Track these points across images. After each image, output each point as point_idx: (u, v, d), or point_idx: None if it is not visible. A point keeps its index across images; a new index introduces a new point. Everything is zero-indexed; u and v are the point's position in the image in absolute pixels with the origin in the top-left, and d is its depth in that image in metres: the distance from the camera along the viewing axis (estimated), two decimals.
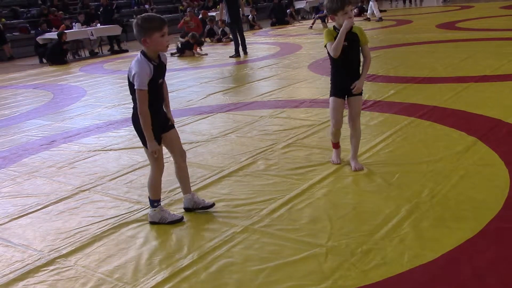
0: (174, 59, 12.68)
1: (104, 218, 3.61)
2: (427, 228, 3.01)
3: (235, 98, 7.22)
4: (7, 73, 13.40)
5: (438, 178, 3.70)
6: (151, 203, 3.45)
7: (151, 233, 3.34)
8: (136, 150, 5.02)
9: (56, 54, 14.05)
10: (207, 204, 3.57)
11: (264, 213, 3.42)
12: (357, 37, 3.84)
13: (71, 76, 11.43)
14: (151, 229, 3.39)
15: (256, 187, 3.90)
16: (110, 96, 8.56)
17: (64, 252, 3.18)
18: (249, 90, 7.85)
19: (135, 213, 3.65)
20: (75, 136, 5.98)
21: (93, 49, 16.02)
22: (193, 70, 10.56)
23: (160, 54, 3.24)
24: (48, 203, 4.00)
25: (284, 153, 4.59)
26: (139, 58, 3.15)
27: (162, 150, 3.35)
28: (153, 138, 3.22)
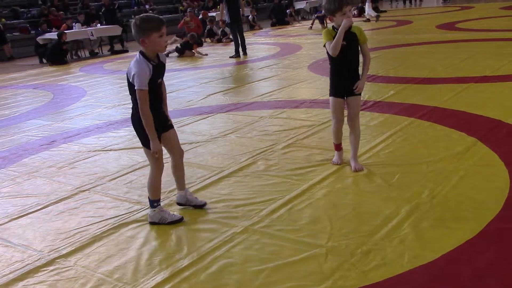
0: (173, 59, 12.67)
1: (104, 219, 3.61)
2: (427, 228, 3.01)
3: (235, 99, 7.22)
4: (7, 73, 13.39)
5: (438, 178, 3.70)
6: (151, 203, 3.45)
7: (151, 233, 3.34)
8: (136, 151, 5.02)
9: (56, 54, 14.06)
10: (199, 203, 3.63)
11: (264, 214, 3.42)
12: (356, 37, 3.83)
13: (71, 76, 11.42)
14: (151, 229, 3.39)
15: (256, 187, 3.90)
16: (110, 96, 8.56)
17: (64, 252, 3.18)
18: (249, 91, 7.85)
19: (135, 213, 3.65)
20: (75, 136, 5.98)
21: (93, 49, 16.02)
22: (193, 71, 10.55)
23: (159, 54, 3.25)
24: (48, 203, 4.00)
25: (284, 154, 4.59)
26: (138, 58, 3.16)
27: (162, 150, 3.36)
28: (156, 137, 3.24)
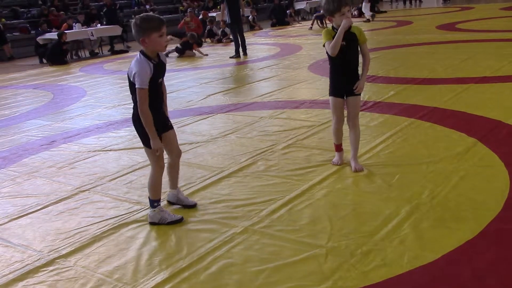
0: (174, 59, 12.68)
1: (104, 219, 3.61)
2: (427, 229, 3.01)
3: (235, 99, 7.22)
4: (7, 73, 13.39)
5: (438, 179, 3.70)
6: (151, 203, 3.45)
7: (151, 233, 3.34)
8: (136, 151, 5.02)
9: (56, 54, 14.06)
10: (190, 203, 3.66)
11: (264, 214, 3.42)
12: (356, 37, 3.83)
13: (71, 77, 11.42)
14: (151, 229, 3.39)
15: (256, 187, 3.90)
16: (110, 96, 8.56)
17: (63, 252, 3.18)
18: (249, 91, 7.85)
19: (134, 213, 3.65)
20: (75, 136, 5.98)
21: (93, 50, 16.02)
22: (193, 71, 10.55)
23: (160, 53, 3.26)
24: (48, 203, 4.00)
25: (284, 154, 4.59)
26: (138, 58, 3.18)
27: (163, 148, 3.36)
28: (156, 135, 3.24)
